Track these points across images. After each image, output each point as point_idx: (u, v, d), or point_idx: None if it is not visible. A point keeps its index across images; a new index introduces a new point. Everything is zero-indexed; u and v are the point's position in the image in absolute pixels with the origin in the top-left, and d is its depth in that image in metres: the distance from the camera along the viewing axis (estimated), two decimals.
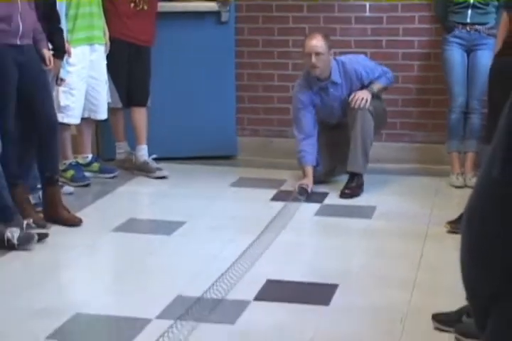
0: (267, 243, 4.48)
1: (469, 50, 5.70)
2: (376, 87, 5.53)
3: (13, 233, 4.33)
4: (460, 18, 5.69)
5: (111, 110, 5.98)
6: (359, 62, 5.59)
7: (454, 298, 3.41)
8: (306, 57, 5.46)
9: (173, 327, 3.36)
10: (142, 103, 6.00)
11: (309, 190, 5.41)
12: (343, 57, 5.63)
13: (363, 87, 5.52)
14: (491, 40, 5.63)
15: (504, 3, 5.25)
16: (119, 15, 5.81)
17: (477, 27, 5.67)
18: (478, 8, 5.66)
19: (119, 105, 5.97)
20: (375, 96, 5.54)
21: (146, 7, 5.85)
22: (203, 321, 3.45)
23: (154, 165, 5.97)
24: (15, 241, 4.32)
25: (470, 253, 1.26)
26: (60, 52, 5.18)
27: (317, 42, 5.39)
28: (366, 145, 5.48)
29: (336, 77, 5.51)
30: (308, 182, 5.44)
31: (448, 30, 5.77)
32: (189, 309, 3.54)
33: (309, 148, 5.53)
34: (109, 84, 5.84)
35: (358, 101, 5.42)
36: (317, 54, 5.37)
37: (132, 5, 5.82)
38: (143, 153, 6.02)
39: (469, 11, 5.66)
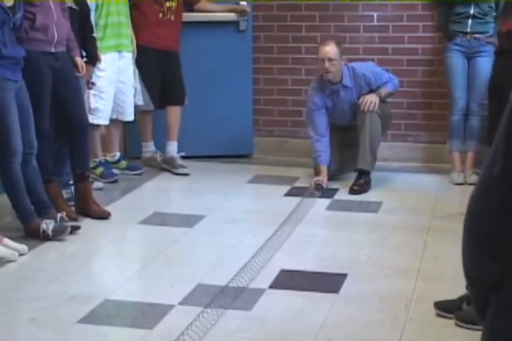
0: (281, 235, 4.48)
1: (469, 57, 5.68)
2: (383, 91, 5.53)
3: (48, 225, 4.35)
4: (461, 28, 5.67)
5: (141, 112, 6.00)
6: (368, 69, 5.59)
7: (455, 286, 3.41)
8: (319, 63, 5.45)
9: (199, 313, 3.36)
10: (180, 102, 6.00)
11: (324, 186, 5.42)
12: (353, 64, 5.62)
13: (371, 91, 5.52)
14: (490, 47, 5.62)
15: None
16: (147, 24, 5.82)
17: (477, 35, 5.64)
18: (478, 18, 5.63)
19: (151, 107, 5.98)
20: (382, 100, 5.54)
21: (172, 17, 5.86)
22: (223, 308, 3.45)
23: (179, 162, 5.97)
24: (50, 233, 4.34)
25: (471, 244, 1.26)
26: (93, 59, 5.20)
27: (330, 49, 5.39)
28: (374, 144, 5.48)
29: (347, 81, 5.51)
30: (323, 178, 5.46)
31: (449, 38, 5.75)
32: (214, 297, 3.54)
33: (324, 149, 5.54)
34: (141, 88, 5.86)
35: (367, 105, 5.43)
36: (330, 59, 5.37)
37: (160, 15, 5.83)
38: (172, 148, 6.02)
39: (470, 21, 5.63)
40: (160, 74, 5.92)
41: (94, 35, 5.24)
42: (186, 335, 3.15)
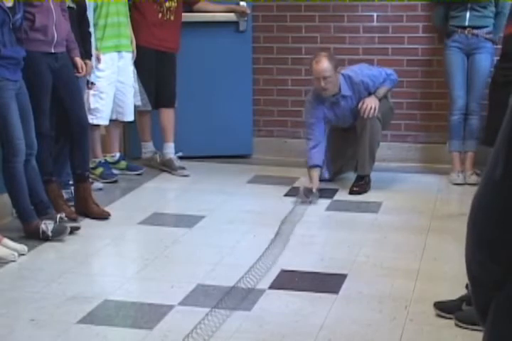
0: (281, 236, 4.48)
1: (468, 54, 5.68)
2: (382, 91, 5.48)
3: (47, 225, 4.35)
4: (459, 22, 5.66)
5: (139, 112, 6.00)
6: (364, 73, 5.45)
7: (455, 287, 3.41)
8: (315, 81, 5.33)
9: (200, 313, 3.36)
10: (170, 104, 6.01)
11: (314, 190, 5.26)
12: (348, 71, 5.47)
13: (370, 93, 5.46)
14: (489, 43, 5.64)
15: None
16: (147, 24, 5.82)
17: (475, 31, 5.62)
18: (476, 10, 5.62)
19: (149, 107, 5.98)
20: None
21: (172, 17, 5.86)
22: (223, 308, 3.45)
23: (178, 163, 5.97)
24: (49, 233, 4.34)
25: (474, 245, 1.26)
26: (87, 53, 5.14)
27: (323, 66, 5.21)
28: (374, 150, 5.45)
29: (345, 90, 5.39)
30: (313, 185, 5.30)
31: (448, 35, 5.74)
32: (212, 297, 3.54)
33: (317, 155, 5.38)
34: (140, 88, 5.85)
35: (367, 111, 5.35)
36: (325, 78, 5.23)
37: (160, 15, 5.83)
38: (169, 150, 6.03)
39: (467, 14, 5.62)
40: (156, 75, 5.92)
41: (90, 30, 5.21)
42: (191, 338, 3.14)
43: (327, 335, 3.20)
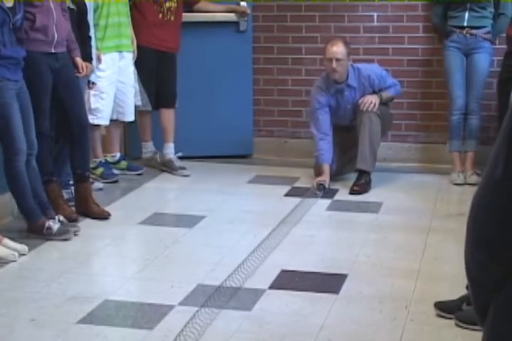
0: (282, 235, 4.48)
1: (467, 54, 5.69)
2: (385, 94, 5.54)
3: (54, 223, 4.34)
4: (458, 22, 5.67)
5: (140, 112, 5.99)
6: (373, 70, 5.58)
7: (455, 287, 3.41)
8: (326, 62, 5.44)
9: (198, 312, 3.36)
10: (170, 105, 6.01)
11: (327, 185, 5.40)
12: (359, 64, 5.61)
13: (373, 92, 5.52)
14: (487, 43, 5.65)
15: None
16: (147, 25, 5.81)
17: (473, 31, 5.63)
18: (475, 11, 5.63)
19: (149, 108, 5.98)
20: (383, 103, 5.53)
21: (172, 18, 5.86)
22: (223, 308, 3.45)
23: (178, 163, 5.97)
24: (54, 229, 4.33)
25: (474, 245, 1.26)
26: (88, 57, 5.14)
27: (338, 49, 5.37)
28: (374, 145, 5.48)
29: (352, 81, 5.50)
30: (325, 178, 5.43)
31: (447, 35, 5.75)
32: (211, 296, 3.55)
33: (326, 147, 5.50)
34: (140, 89, 5.85)
35: (367, 105, 5.43)
36: (337, 60, 5.36)
37: (160, 15, 5.83)
38: (169, 151, 6.02)
39: (466, 15, 5.63)
40: (156, 75, 5.92)
41: (90, 34, 5.21)
42: (187, 333, 3.14)
43: (327, 335, 3.20)
